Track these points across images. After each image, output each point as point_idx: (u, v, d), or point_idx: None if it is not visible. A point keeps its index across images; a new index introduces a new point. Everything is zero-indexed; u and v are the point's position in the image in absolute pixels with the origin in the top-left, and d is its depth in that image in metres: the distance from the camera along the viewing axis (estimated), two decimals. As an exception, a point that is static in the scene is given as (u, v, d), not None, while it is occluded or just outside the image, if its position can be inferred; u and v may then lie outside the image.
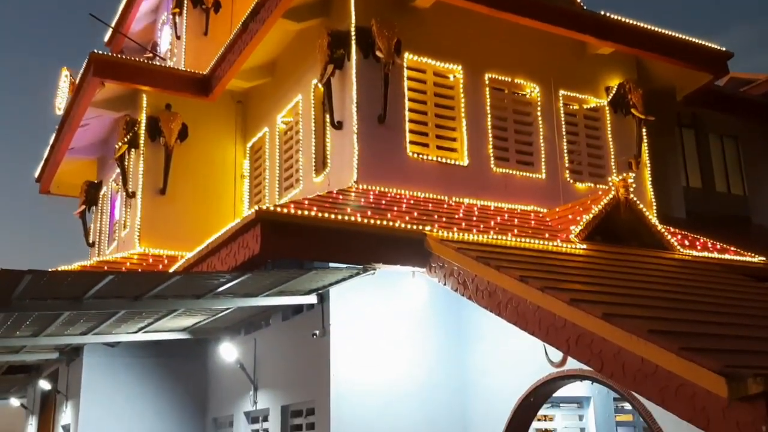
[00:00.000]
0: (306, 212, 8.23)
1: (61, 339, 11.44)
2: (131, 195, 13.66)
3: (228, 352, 11.52)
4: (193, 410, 13.20)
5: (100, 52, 13.54)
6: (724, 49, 13.51)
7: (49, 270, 7.75)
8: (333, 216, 8.30)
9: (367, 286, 9.46)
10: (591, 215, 9.62)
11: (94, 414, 12.47)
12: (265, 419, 11.22)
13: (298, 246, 8.22)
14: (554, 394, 9.43)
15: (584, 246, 9.34)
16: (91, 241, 16.60)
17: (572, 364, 8.28)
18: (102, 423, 12.45)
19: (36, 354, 13.17)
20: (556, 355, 8.50)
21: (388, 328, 9.81)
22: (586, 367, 7.62)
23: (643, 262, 9.41)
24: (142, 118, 13.64)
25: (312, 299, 9.77)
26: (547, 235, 9.49)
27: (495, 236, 8.90)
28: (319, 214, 8.26)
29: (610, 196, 9.87)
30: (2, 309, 8.61)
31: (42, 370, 15.87)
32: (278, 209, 8.20)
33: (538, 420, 9.99)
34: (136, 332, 11.45)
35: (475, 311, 9.68)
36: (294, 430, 10.43)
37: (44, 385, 15.22)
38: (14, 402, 19.48)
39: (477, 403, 9.83)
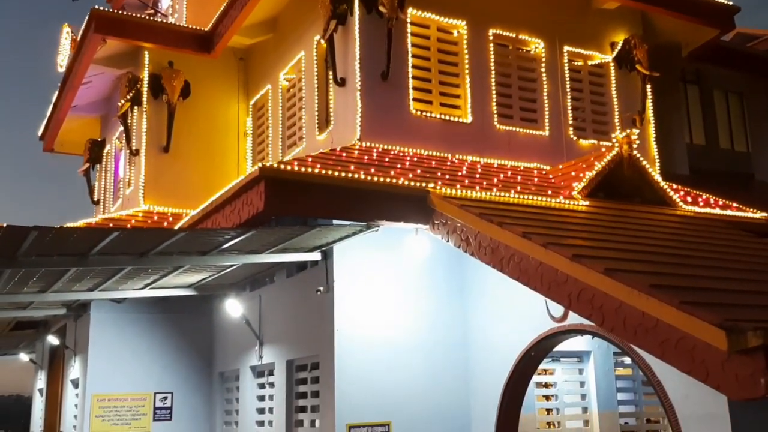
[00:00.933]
0: (310, 169, 8.22)
1: (67, 295, 11.53)
2: (135, 153, 13.63)
3: (233, 308, 11.63)
4: (199, 365, 13.37)
5: (101, 8, 13.38)
6: (730, 3, 13.31)
7: (55, 226, 7.77)
8: (337, 173, 8.29)
9: (370, 243, 9.49)
10: (594, 172, 9.60)
11: (102, 368, 12.64)
12: (271, 373, 11.37)
13: (302, 203, 8.23)
14: (555, 349, 9.52)
15: (587, 202, 9.34)
16: (95, 199, 16.63)
17: (573, 319, 8.35)
18: (110, 377, 12.63)
19: (43, 310, 13.30)
20: (558, 310, 8.57)
21: (391, 285, 9.87)
22: (587, 322, 7.69)
23: (646, 218, 9.42)
24: (145, 76, 13.54)
25: (316, 256, 9.81)
26: (550, 192, 9.48)
27: (498, 193, 8.90)
28: (323, 172, 8.25)
29: (614, 152, 9.84)
30: (9, 265, 8.66)
31: (50, 325, 16.05)
32: (282, 166, 8.19)
33: (539, 374, 10.11)
34: (142, 288, 11.53)
35: (477, 268, 9.73)
36: (299, 383, 10.58)
37: (52, 340, 15.41)
38: (23, 357, 19.78)
39: (479, 358, 9.94)
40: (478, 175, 9.70)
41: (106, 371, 12.64)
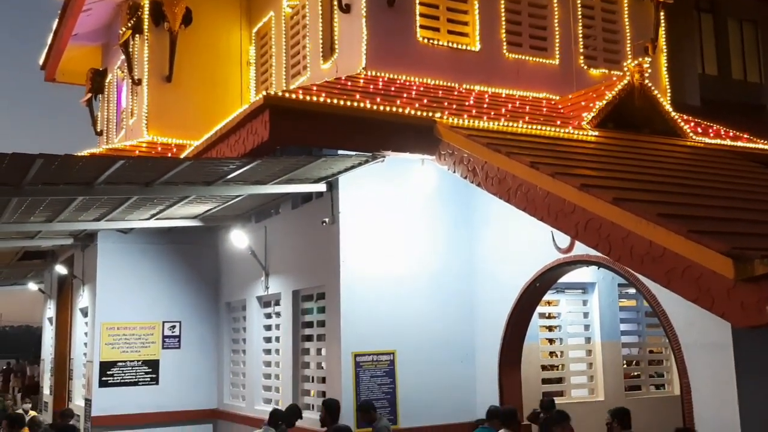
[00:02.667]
0: (315, 98, 8.13)
1: (74, 225, 11.59)
2: (137, 82, 13.49)
3: (239, 239, 11.69)
4: (206, 294, 13.54)
5: (98, -69, 13.03)
6: (749, -74, 12.87)
7: (60, 155, 7.74)
8: (342, 102, 8.20)
9: (376, 174, 9.46)
10: (604, 102, 9.47)
11: (110, 297, 12.81)
12: (277, 303, 11.52)
13: (307, 132, 8.17)
14: (559, 280, 9.61)
15: (596, 133, 9.25)
16: (99, 130, 16.56)
17: (579, 250, 8.38)
18: (118, 306, 12.81)
19: (51, 240, 13.40)
20: (564, 240, 8.59)
21: (397, 216, 9.88)
22: (593, 252, 7.73)
23: (655, 148, 9.35)
24: (145, 2, 13.27)
25: (321, 187, 9.80)
26: (558, 122, 9.39)
27: (506, 123, 8.82)
28: (328, 101, 8.16)
29: (625, 81, 9.68)
30: (15, 194, 8.69)
31: (57, 255, 16.21)
32: (287, 95, 8.10)
33: (543, 305, 10.23)
34: (148, 219, 11.57)
35: (484, 198, 9.72)
36: (305, 313, 10.72)
37: (60, 270, 15.58)
38: (32, 287, 20.06)
39: (484, 288, 10.03)
40: (485, 105, 9.59)
41: (114, 300, 12.81)
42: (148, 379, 12.80)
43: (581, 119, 9.42)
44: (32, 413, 13.37)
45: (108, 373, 12.54)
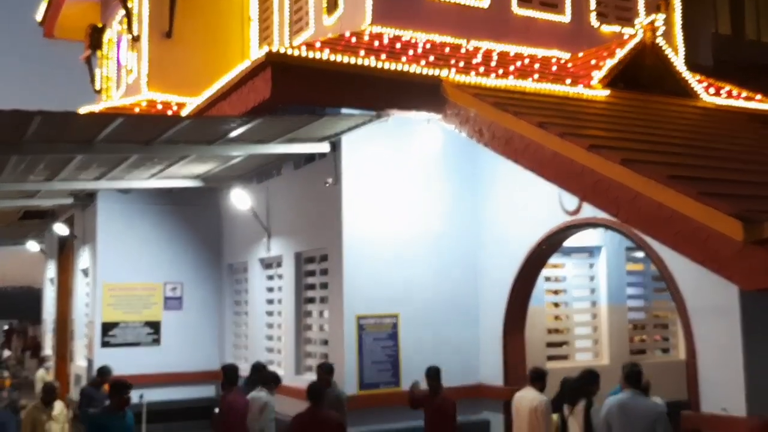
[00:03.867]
0: (318, 55, 8.06)
1: (74, 184, 11.59)
2: (136, 38, 13.37)
3: (241, 199, 11.69)
4: (208, 256, 13.60)
5: None
6: None
7: (59, 112, 7.71)
8: (346, 59, 8.13)
9: (380, 134, 9.40)
10: (615, 60, 9.39)
11: (111, 258, 12.87)
12: (279, 265, 11.57)
13: (310, 90, 8.13)
14: (565, 243, 9.60)
15: (606, 92, 9.18)
16: (98, 87, 16.48)
17: (586, 212, 8.36)
18: (120, 267, 12.88)
19: (51, 199, 13.42)
20: (571, 202, 8.57)
21: (402, 177, 9.85)
22: (600, 215, 7.73)
23: (667, 109, 9.29)
24: (144, -44, 13.10)
25: (324, 147, 9.76)
26: (568, 81, 9.31)
27: (514, 82, 8.75)
28: (332, 58, 8.09)
29: (636, 40, 9.58)
30: (14, 152, 8.68)
31: (58, 215, 16.25)
32: (289, 51, 8.02)
33: (548, 268, 10.25)
34: (148, 179, 11.56)
35: (490, 159, 9.68)
36: (308, 275, 10.77)
37: (61, 230, 15.63)
38: (33, 247, 20.15)
39: (489, 251, 10.04)
40: (493, 63, 9.50)
41: (115, 261, 12.88)
42: (150, 340, 12.94)
43: (591, 78, 9.34)
44: (44, 376, 13.51)
45: (109, 333, 12.68)
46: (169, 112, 11.85)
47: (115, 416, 7.36)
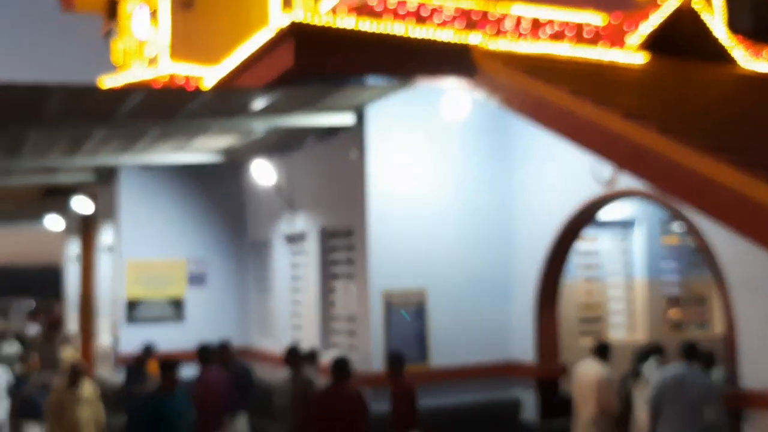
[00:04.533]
0: (343, 23, 7.98)
1: (96, 160, 11.68)
2: (156, 10, 13.36)
3: (264, 174, 11.68)
4: (231, 232, 13.66)
5: None
6: None
7: (79, 86, 7.74)
8: (371, 26, 8.05)
9: (406, 104, 9.33)
10: (651, 24, 9.20)
11: (134, 235, 12.98)
12: (303, 240, 11.58)
13: (335, 59, 8.08)
14: (599, 215, 9.51)
15: (641, 58, 9.02)
16: (118, 61, 16.50)
17: (622, 183, 8.26)
18: (143, 243, 12.99)
19: (72, 175, 13.55)
20: (605, 173, 8.46)
21: (429, 148, 9.78)
22: (636, 186, 7.63)
23: (705, 75, 9.10)
24: (162, -76, 13.04)
25: (349, 118, 9.70)
26: (602, 47, 9.15)
27: (546, 48, 8.62)
28: (357, 25, 8.01)
29: (673, 3, 9.38)
30: (34, 126, 8.75)
31: (80, 192, 16.39)
32: (313, 19, 7.96)
33: (582, 241, 10.16)
34: (171, 154, 11.62)
35: (521, 129, 9.58)
36: (332, 251, 10.78)
37: (83, 207, 15.79)
38: (55, 224, 20.41)
39: (520, 224, 9.97)
40: (524, 28, 9.35)
41: (138, 237, 12.99)
42: (174, 316, 13.08)
43: (626, 44, 9.17)
44: (71, 355, 13.69)
45: (134, 310, 12.84)
46: (191, 85, 11.85)
47: (166, 397, 7.07)
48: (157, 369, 7.61)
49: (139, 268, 12.93)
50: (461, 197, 9.91)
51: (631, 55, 8.97)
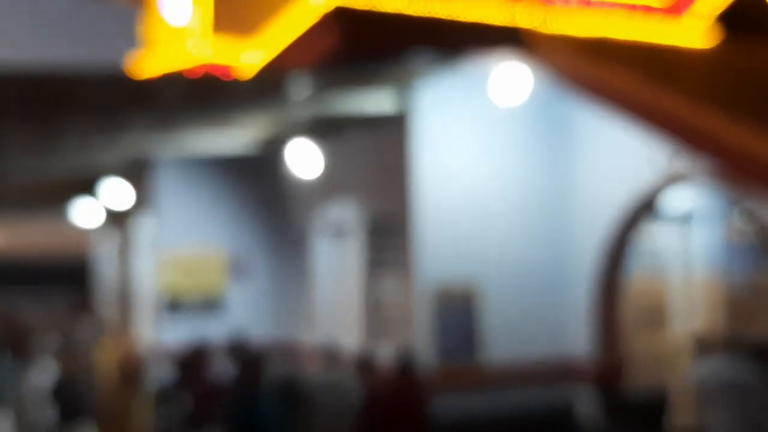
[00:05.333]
0: None
1: (133, 151, 11.80)
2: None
3: (305, 164, 11.65)
4: (272, 223, 13.68)
5: None
6: None
7: (120, 74, 7.77)
8: (418, 2, 7.91)
9: (454, 85, 9.17)
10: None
11: (172, 227, 13.09)
12: (346, 231, 11.52)
13: (380, 38, 7.95)
14: (662, 204, 9.27)
15: (712, 35, 8.74)
16: (156, 48, 16.64)
17: (684, 172, 8.05)
18: (183, 233, 13.08)
19: (110, 167, 13.71)
20: (667, 162, 8.23)
21: (479, 133, 9.63)
22: (701, 173, 7.38)
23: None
24: None
25: (394, 104, 9.60)
26: (665, 23, 8.88)
27: (604, 25, 8.39)
28: (403, 1, 7.88)
29: (743, -24, 9.02)
30: (71, 116, 8.82)
31: (117, 184, 16.59)
32: (357, -4, 7.85)
33: (641, 233, 9.92)
34: (209, 143, 11.67)
35: (577, 116, 9.43)
36: (377, 242, 10.68)
37: (122, 198, 15.99)
38: (92, 214, 20.74)
39: (576, 216, 9.78)
40: (581, 3, 9.10)
41: (178, 227, 13.09)
42: (215, 309, 13.15)
43: (690, 20, 8.89)
44: (110, 351, 13.80)
45: (174, 302, 12.93)
46: (229, 71, 11.84)
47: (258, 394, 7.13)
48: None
49: (177, 261, 13.03)
50: (513, 185, 9.73)
51: (695, 32, 8.69)
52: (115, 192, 15.94)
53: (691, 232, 10.50)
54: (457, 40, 8.07)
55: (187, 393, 9.46)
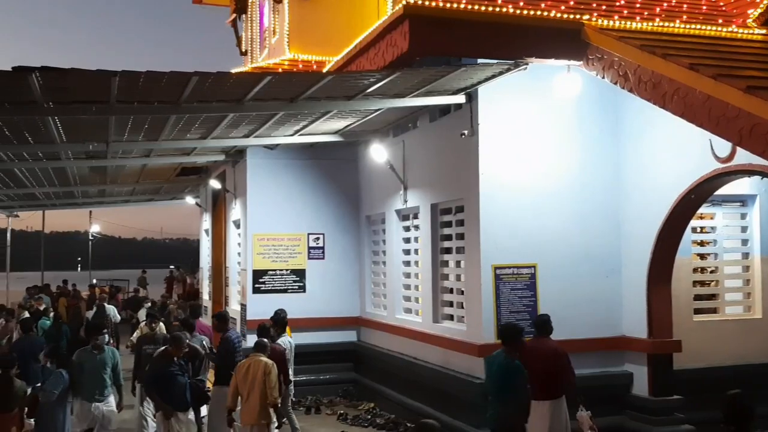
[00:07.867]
0: (455, 5, 7.83)
1: (225, 141, 12.09)
2: (278, 0, 13.59)
3: (378, 153, 11.75)
4: (347, 208, 13.86)
5: None
6: None
7: (213, 72, 7.97)
8: (483, 8, 7.86)
9: (517, 83, 9.08)
10: (774, -5, 8.51)
11: (259, 210, 13.42)
12: (416, 216, 11.58)
13: (447, 42, 7.92)
14: (716, 192, 8.99)
15: (763, 31, 8.37)
16: (243, 50, 16.98)
17: (740, 159, 7.76)
18: (267, 218, 13.41)
19: (205, 156, 14.10)
20: (724, 148, 7.97)
21: (539, 126, 9.52)
22: (756, 161, 7.14)
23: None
24: None
25: (460, 99, 9.57)
26: (720, 21, 8.57)
27: (661, 23, 8.15)
28: (469, 6, 7.84)
29: (800, -28, 8.61)
30: (173, 111, 9.12)
31: (211, 171, 17.08)
32: (427, 3, 7.84)
33: (697, 218, 9.64)
34: (292, 135, 11.86)
35: (633, 105, 9.19)
36: (444, 226, 10.71)
37: (214, 184, 16.43)
38: (189, 201, 21.39)
39: (632, 200, 9.57)
40: (638, 5, 8.87)
41: (263, 213, 13.41)
42: (296, 287, 13.44)
43: (746, 17, 8.54)
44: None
45: (260, 280, 13.27)
46: (311, 70, 12.02)
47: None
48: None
49: (264, 241, 13.35)
50: (572, 174, 9.60)
51: (751, 28, 8.34)
52: (213, 179, 16.38)
53: (748, 216, 10.16)
54: (521, 41, 7.99)
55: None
